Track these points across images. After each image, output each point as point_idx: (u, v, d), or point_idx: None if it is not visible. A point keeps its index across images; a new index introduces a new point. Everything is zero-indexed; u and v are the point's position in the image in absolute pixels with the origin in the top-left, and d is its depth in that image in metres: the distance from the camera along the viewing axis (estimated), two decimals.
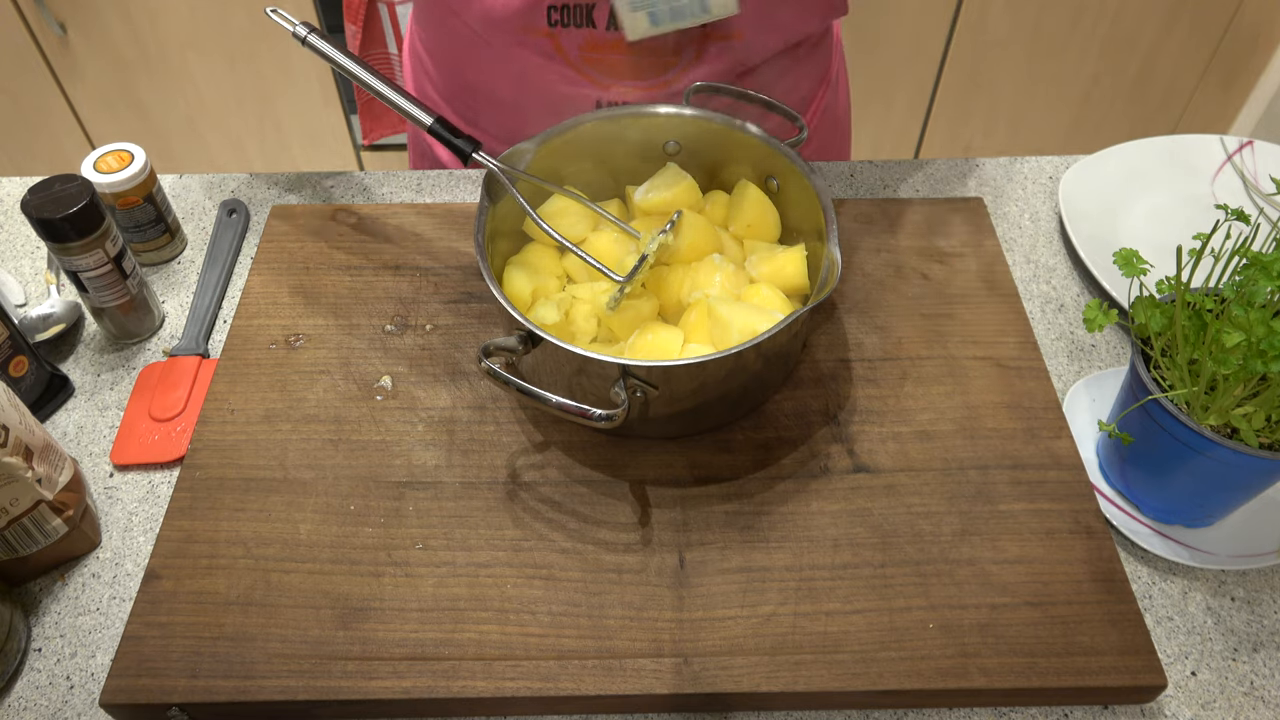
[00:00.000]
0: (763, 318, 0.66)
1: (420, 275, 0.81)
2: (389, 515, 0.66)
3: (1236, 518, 0.67)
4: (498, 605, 0.62)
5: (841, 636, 0.60)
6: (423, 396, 0.73)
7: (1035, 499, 0.67)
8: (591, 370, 0.64)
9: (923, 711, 0.60)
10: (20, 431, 0.60)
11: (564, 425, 0.71)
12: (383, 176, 0.93)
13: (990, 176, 0.93)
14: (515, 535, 0.65)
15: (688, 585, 0.63)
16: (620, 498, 0.67)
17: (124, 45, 1.78)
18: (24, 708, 0.60)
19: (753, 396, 0.71)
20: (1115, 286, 0.80)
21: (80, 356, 0.79)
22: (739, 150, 0.77)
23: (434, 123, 0.72)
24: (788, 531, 0.65)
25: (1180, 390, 0.61)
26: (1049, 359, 0.78)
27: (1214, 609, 0.65)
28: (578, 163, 0.78)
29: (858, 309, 0.79)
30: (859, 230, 0.85)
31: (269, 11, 0.74)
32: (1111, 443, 0.68)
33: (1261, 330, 0.56)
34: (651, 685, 0.59)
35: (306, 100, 1.90)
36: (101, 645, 0.63)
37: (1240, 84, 1.95)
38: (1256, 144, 0.93)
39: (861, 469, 0.69)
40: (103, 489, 0.71)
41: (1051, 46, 1.85)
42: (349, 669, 0.59)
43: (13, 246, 0.88)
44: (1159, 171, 0.92)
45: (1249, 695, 0.61)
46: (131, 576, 0.66)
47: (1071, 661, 0.59)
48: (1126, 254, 0.63)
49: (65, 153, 1.95)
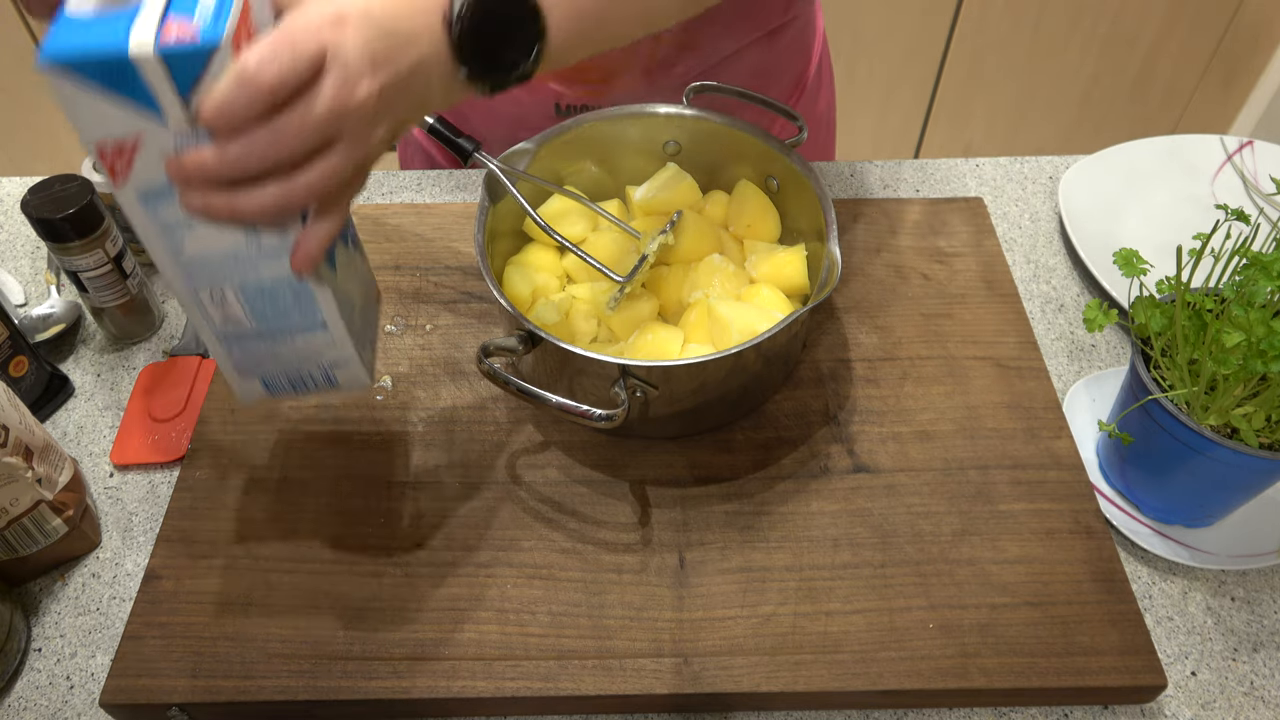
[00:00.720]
0: (763, 318, 0.66)
1: (420, 275, 0.81)
2: (389, 515, 0.66)
3: (1236, 518, 0.67)
4: (498, 605, 0.62)
5: (841, 636, 0.60)
6: (423, 396, 0.73)
7: (1035, 499, 0.67)
8: (591, 370, 0.64)
9: (923, 711, 0.60)
10: (20, 431, 0.60)
11: (564, 425, 0.71)
12: (383, 176, 0.93)
13: (990, 176, 0.93)
14: (515, 535, 0.65)
15: (688, 585, 0.63)
16: (620, 498, 0.67)
17: None
18: (24, 708, 0.60)
19: (753, 396, 0.71)
20: (1115, 286, 0.80)
21: (80, 356, 0.79)
22: (739, 150, 0.77)
23: (434, 122, 0.72)
24: (788, 531, 0.65)
25: (1180, 390, 0.61)
26: (1049, 359, 0.78)
27: (1214, 609, 0.65)
28: (578, 163, 0.78)
29: (858, 309, 0.79)
30: (859, 230, 0.85)
31: None
32: (1111, 443, 0.68)
33: (1261, 330, 0.56)
34: (651, 685, 0.59)
35: None
36: (101, 645, 0.63)
37: (1240, 84, 1.95)
38: (1256, 144, 0.93)
39: (861, 469, 0.69)
40: (103, 489, 0.71)
41: (1051, 46, 1.85)
42: (349, 669, 0.59)
43: (13, 246, 0.88)
44: (1159, 171, 0.92)
45: (1249, 695, 0.61)
46: (131, 576, 0.66)
47: (1071, 661, 0.59)
48: (1126, 254, 0.63)
49: (65, 153, 1.95)
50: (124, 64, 0.43)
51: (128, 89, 0.44)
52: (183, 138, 0.46)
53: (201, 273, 0.53)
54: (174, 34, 0.43)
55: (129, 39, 0.43)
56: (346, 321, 0.57)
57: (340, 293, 0.56)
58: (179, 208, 0.48)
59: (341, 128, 0.47)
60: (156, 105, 0.45)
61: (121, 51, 0.43)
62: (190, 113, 0.45)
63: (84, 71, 0.43)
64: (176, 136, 0.46)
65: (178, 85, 0.44)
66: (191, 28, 0.43)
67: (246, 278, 0.53)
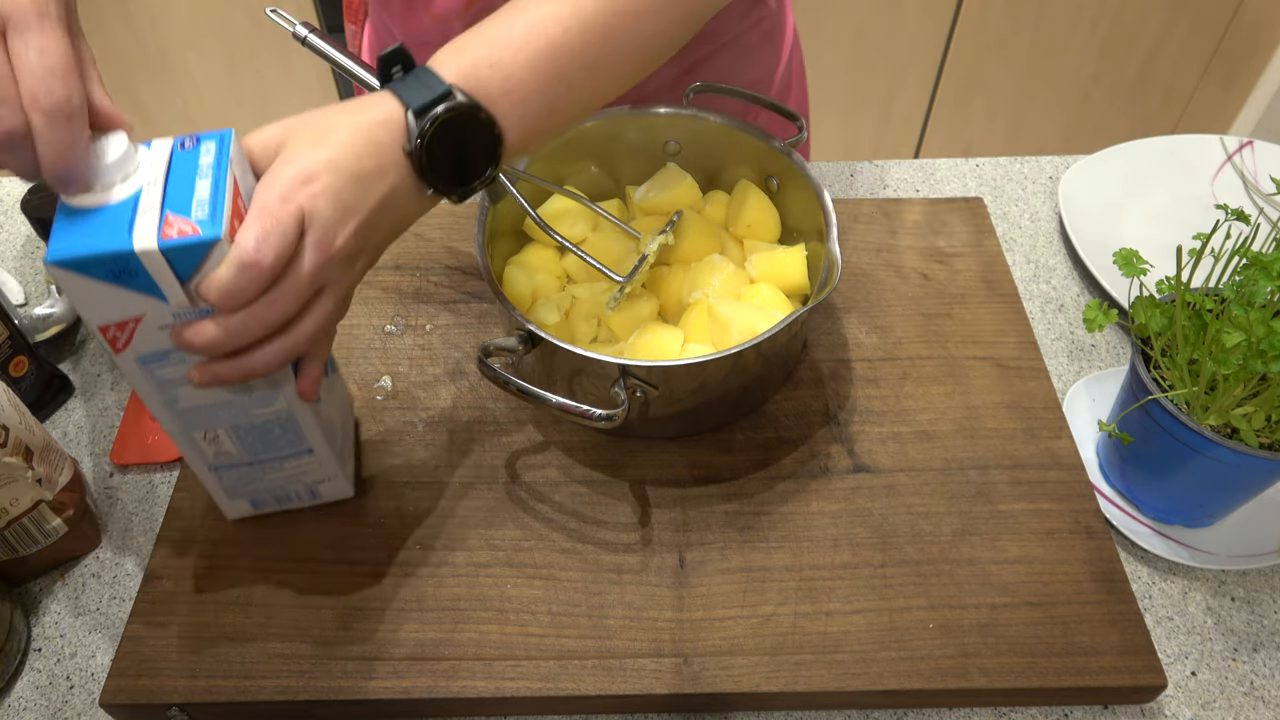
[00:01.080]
0: (763, 318, 0.66)
1: (420, 275, 0.81)
2: (389, 515, 0.66)
3: (1236, 518, 0.67)
4: (498, 605, 0.62)
5: (841, 636, 0.60)
6: (423, 396, 0.73)
7: (1035, 499, 0.67)
8: (591, 370, 0.64)
9: (923, 711, 0.60)
10: (20, 431, 0.60)
11: (564, 425, 0.71)
12: None
13: (990, 176, 0.93)
14: (515, 535, 0.65)
15: (688, 585, 0.63)
16: (620, 498, 0.67)
17: (124, 45, 1.78)
18: (24, 708, 0.60)
19: (753, 396, 0.71)
20: (1115, 286, 0.80)
21: (80, 356, 0.79)
22: (739, 150, 0.77)
23: None
24: (788, 531, 0.65)
25: (1180, 390, 0.61)
26: (1049, 359, 0.78)
27: (1214, 609, 0.65)
28: (578, 163, 0.78)
29: (858, 309, 0.79)
30: (859, 230, 0.85)
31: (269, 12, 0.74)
32: (1111, 443, 0.68)
33: (1261, 330, 0.56)
34: (651, 685, 0.59)
35: (306, 100, 1.90)
36: (101, 645, 0.63)
37: (1240, 84, 1.95)
38: (1256, 144, 0.93)
39: (861, 469, 0.69)
40: (103, 489, 0.71)
41: (1051, 46, 1.85)
42: (349, 669, 0.59)
43: (13, 246, 0.88)
44: (1159, 171, 0.92)
45: (1249, 695, 0.61)
46: (131, 576, 0.66)
47: (1071, 661, 0.59)
48: (1126, 254, 0.63)
49: None
50: (130, 260, 0.46)
51: (132, 280, 0.47)
52: (181, 312, 0.49)
53: (196, 419, 0.56)
54: (175, 230, 0.46)
55: (132, 237, 0.46)
56: (330, 443, 0.62)
57: (324, 419, 0.61)
58: (174, 367, 0.52)
59: (328, 277, 0.50)
60: (159, 291, 0.48)
61: (127, 250, 0.46)
62: (190, 292, 0.48)
63: (92, 269, 0.46)
64: (175, 312, 0.49)
65: (179, 273, 0.47)
66: (191, 224, 0.47)
67: (239, 420, 0.57)
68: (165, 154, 0.50)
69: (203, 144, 0.50)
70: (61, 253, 0.46)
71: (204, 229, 0.46)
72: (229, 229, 0.47)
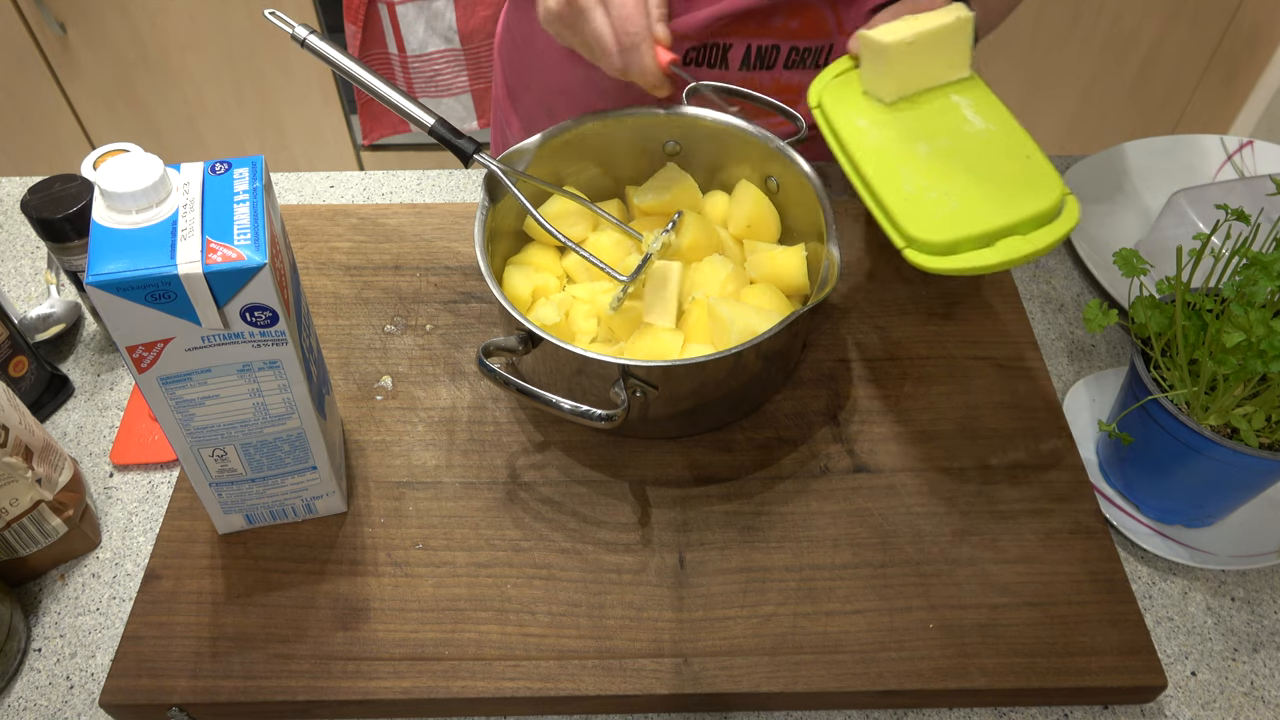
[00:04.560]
0: (763, 318, 0.66)
1: (420, 275, 0.81)
2: (389, 515, 0.66)
3: (1236, 518, 0.67)
4: (498, 605, 0.62)
5: (841, 636, 0.60)
6: (423, 396, 0.73)
7: (1035, 499, 0.67)
8: (591, 370, 0.64)
9: (923, 711, 0.60)
10: (20, 431, 0.60)
11: (564, 425, 0.71)
12: (383, 176, 0.93)
13: None
14: (515, 535, 0.65)
15: (688, 585, 0.63)
16: (620, 498, 0.67)
17: (124, 45, 1.78)
18: (24, 708, 0.60)
19: (753, 396, 0.71)
20: (1115, 286, 0.80)
21: (80, 356, 0.79)
22: (739, 150, 0.77)
23: (434, 124, 0.72)
24: (788, 531, 0.65)
25: (1180, 390, 0.61)
26: (1049, 359, 0.78)
27: (1214, 609, 0.65)
28: (578, 163, 0.78)
29: (858, 309, 0.79)
30: (859, 230, 0.85)
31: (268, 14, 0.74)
32: (1111, 443, 0.68)
33: (1261, 330, 0.56)
34: (651, 685, 0.59)
35: (306, 100, 1.90)
36: (101, 645, 0.63)
37: (1240, 84, 1.95)
38: (1256, 144, 0.93)
39: (861, 469, 0.69)
40: (103, 489, 0.71)
41: (1051, 45, 1.85)
42: (349, 669, 0.59)
43: (13, 246, 0.88)
44: (1159, 171, 0.92)
45: (1249, 695, 0.61)
46: (131, 576, 0.66)
47: (1071, 662, 0.59)
48: (1126, 254, 0.63)
49: (65, 153, 1.95)
50: (172, 284, 0.47)
51: (169, 304, 0.48)
52: (211, 335, 0.50)
53: (208, 437, 0.57)
54: (219, 255, 0.47)
55: (176, 262, 0.47)
56: (331, 460, 0.62)
57: (329, 436, 0.62)
58: (195, 388, 0.53)
59: None
60: (193, 314, 0.49)
61: (171, 274, 0.47)
62: (225, 316, 0.49)
63: (132, 291, 0.47)
64: (205, 335, 0.50)
65: (217, 298, 0.48)
66: (235, 250, 0.48)
67: (250, 439, 0.58)
68: (198, 178, 0.51)
69: (235, 170, 0.51)
70: (103, 275, 0.46)
71: (248, 255, 0.47)
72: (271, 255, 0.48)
